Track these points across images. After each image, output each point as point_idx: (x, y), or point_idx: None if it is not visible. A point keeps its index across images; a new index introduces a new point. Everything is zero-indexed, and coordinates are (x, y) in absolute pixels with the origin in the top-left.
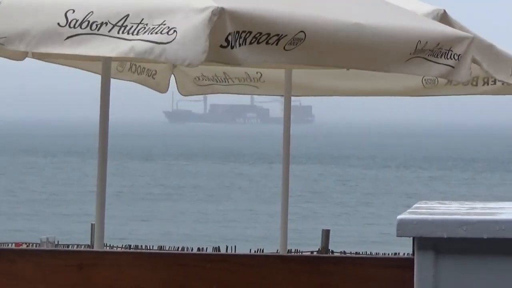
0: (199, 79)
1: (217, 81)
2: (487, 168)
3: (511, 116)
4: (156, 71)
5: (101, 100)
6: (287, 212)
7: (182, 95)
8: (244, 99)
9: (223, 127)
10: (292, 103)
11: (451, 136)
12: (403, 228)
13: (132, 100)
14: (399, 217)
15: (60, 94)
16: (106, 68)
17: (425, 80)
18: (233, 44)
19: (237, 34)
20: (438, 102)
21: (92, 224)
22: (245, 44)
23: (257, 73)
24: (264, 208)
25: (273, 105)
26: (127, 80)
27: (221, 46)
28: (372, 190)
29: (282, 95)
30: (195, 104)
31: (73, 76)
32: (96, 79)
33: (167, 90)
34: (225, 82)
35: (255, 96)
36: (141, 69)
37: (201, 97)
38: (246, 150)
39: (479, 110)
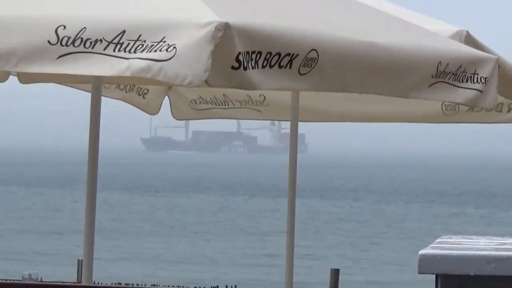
0: (195, 102)
1: (216, 104)
2: (507, 203)
3: None
4: (148, 90)
5: (91, 126)
6: (293, 252)
7: (176, 119)
8: (229, 125)
9: (207, 156)
10: (284, 130)
11: (465, 166)
12: (426, 264)
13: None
14: (421, 252)
15: (45, 115)
16: (97, 88)
17: (444, 105)
18: (245, 65)
19: (247, 55)
20: (443, 128)
21: (79, 260)
22: (257, 67)
23: (260, 95)
24: (266, 247)
25: (261, 132)
26: (113, 98)
27: (233, 68)
28: (380, 227)
29: (288, 120)
30: (176, 130)
31: (57, 95)
32: (80, 97)
33: (158, 111)
34: (225, 105)
35: (241, 122)
36: (131, 87)
37: (182, 122)
38: (236, 182)
39: (502, 137)
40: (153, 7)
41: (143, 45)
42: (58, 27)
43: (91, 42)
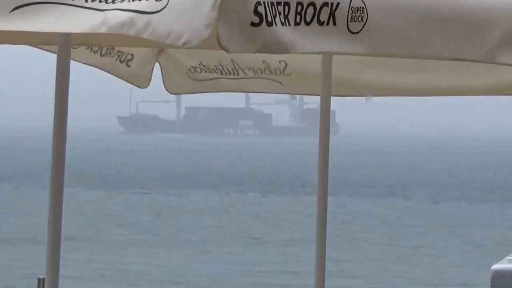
0: (195, 70)
1: (222, 73)
2: None
3: None
4: (132, 55)
5: (57, 100)
6: (324, 268)
7: (170, 92)
8: (235, 100)
9: (205, 140)
10: (307, 106)
11: None
12: (501, 280)
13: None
14: (494, 267)
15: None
16: (64, 50)
17: None
18: (269, 20)
19: (271, 7)
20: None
21: (40, 279)
22: (287, 23)
23: (280, 61)
24: (286, 261)
25: (277, 109)
26: (84, 63)
27: (253, 24)
28: (437, 234)
29: (317, 94)
30: (164, 106)
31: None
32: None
33: (148, 83)
34: (234, 74)
35: (251, 96)
36: (109, 50)
37: (172, 97)
38: (244, 174)
39: None
40: None
41: None
42: None
43: None
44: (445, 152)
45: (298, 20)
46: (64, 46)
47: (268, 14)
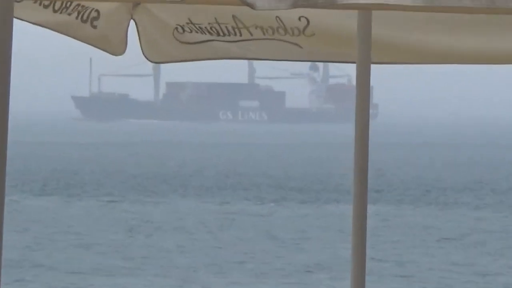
0: (183, 29)
1: (218, 34)
2: None
3: None
4: (98, 12)
5: None
6: None
7: (151, 60)
8: (235, 72)
9: (194, 128)
10: (334, 80)
11: None
12: None
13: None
14: None
15: None
16: (6, 4)
17: None
18: None
19: None
20: None
21: None
22: None
23: (300, 18)
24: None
25: (293, 84)
26: (31, 23)
27: None
28: (505, 256)
29: (351, 62)
30: (137, 82)
31: None
32: None
33: (125, 49)
34: (235, 35)
35: (256, 66)
36: (65, 4)
37: (148, 68)
38: (248, 176)
39: None
40: None
41: None
42: None
43: None
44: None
45: None
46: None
47: None
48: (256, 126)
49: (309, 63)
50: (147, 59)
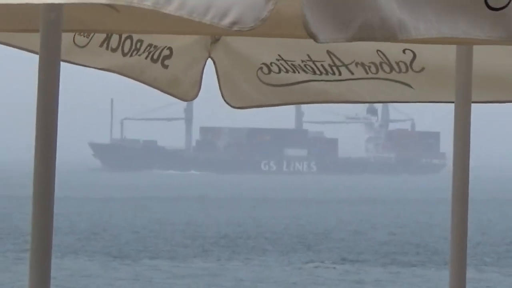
0: (269, 69)
1: (314, 72)
2: None
3: None
4: (170, 49)
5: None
6: None
7: (233, 106)
8: (279, 116)
9: (231, 181)
10: (394, 125)
11: None
12: None
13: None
14: None
15: None
16: (51, 38)
17: None
18: None
19: None
20: None
21: None
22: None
23: (404, 51)
24: None
25: (347, 129)
26: (93, 68)
27: None
28: None
29: (451, 102)
30: (166, 125)
31: None
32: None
33: (197, 93)
34: (333, 74)
35: (305, 110)
36: (136, 45)
37: (179, 110)
38: (304, 236)
39: None
40: None
41: None
42: None
43: None
44: None
45: None
46: (49, 27)
47: None
48: (304, 179)
49: (367, 105)
50: (228, 104)
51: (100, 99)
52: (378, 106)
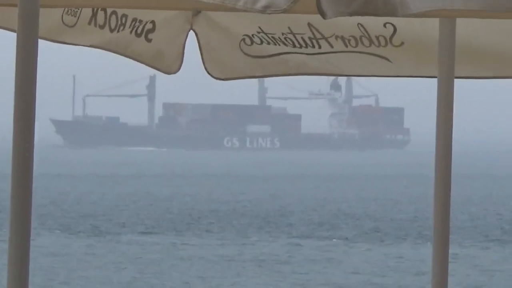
0: (252, 40)
1: (294, 45)
2: None
3: None
4: (153, 23)
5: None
6: None
7: (215, 77)
8: (242, 92)
9: (194, 157)
10: (358, 101)
11: None
12: None
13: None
14: None
15: None
16: (30, 13)
17: None
18: None
19: None
20: None
21: None
22: None
23: (385, 25)
24: None
25: (309, 105)
26: (81, 45)
27: None
28: None
29: (434, 76)
30: (128, 102)
31: None
32: None
33: (179, 66)
34: (313, 47)
35: (268, 85)
36: (119, 19)
37: (141, 86)
38: (258, 214)
39: None
40: None
41: None
42: None
43: None
44: None
45: None
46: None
47: None
48: (267, 155)
49: (331, 80)
50: (210, 75)
51: (63, 76)
52: (342, 82)
